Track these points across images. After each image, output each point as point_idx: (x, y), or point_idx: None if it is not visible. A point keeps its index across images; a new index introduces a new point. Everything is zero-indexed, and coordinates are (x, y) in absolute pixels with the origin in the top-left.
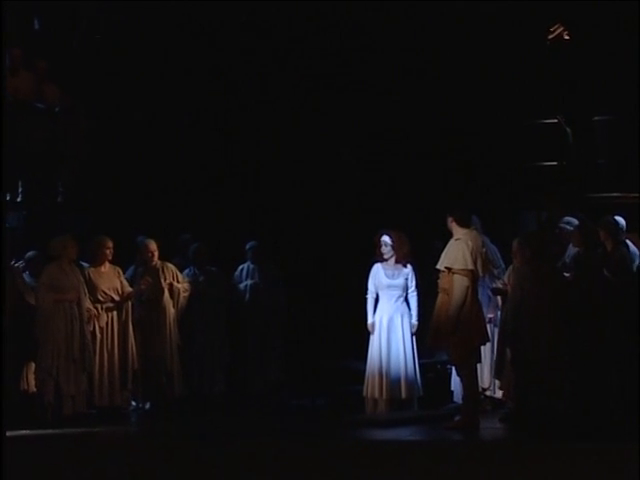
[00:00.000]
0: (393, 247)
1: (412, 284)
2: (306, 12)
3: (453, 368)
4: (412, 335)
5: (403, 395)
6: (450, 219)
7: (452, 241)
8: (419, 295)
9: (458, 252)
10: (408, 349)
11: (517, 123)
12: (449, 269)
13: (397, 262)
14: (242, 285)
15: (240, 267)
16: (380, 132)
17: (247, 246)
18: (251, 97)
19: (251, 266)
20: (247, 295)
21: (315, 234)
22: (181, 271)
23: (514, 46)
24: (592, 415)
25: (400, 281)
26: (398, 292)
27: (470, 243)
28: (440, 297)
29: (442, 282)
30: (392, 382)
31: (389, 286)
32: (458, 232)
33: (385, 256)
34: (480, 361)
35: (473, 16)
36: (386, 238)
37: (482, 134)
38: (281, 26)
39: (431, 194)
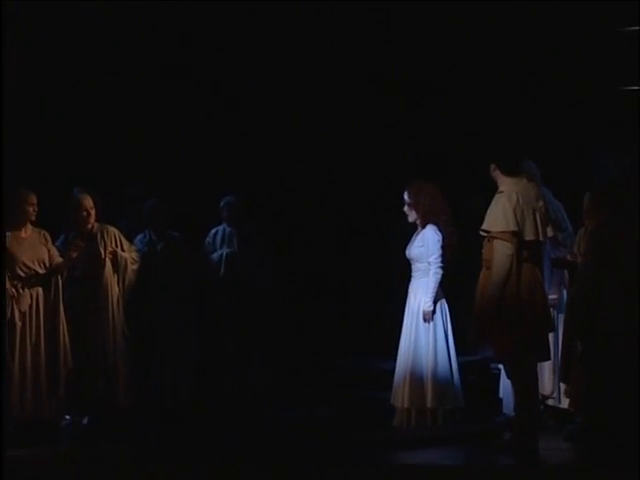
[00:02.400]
0: (410, 204)
1: (432, 253)
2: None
3: (502, 369)
4: (444, 325)
5: (429, 404)
6: (493, 166)
7: (495, 196)
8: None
9: (498, 210)
10: (440, 345)
11: (589, 30)
12: (488, 232)
13: (421, 225)
14: (215, 255)
15: (213, 230)
16: None
17: (222, 202)
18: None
19: (227, 229)
20: (222, 269)
21: (321, 183)
22: (131, 237)
23: None
24: None
25: (414, 251)
26: (418, 267)
27: (516, 197)
28: (482, 273)
29: (484, 252)
30: (415, 387)
31: (409, 260)
32: (503, 183)
33: (409, 218)
34: (541, 359)
35: None
36: (405, 193)
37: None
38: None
39: (466, 131)
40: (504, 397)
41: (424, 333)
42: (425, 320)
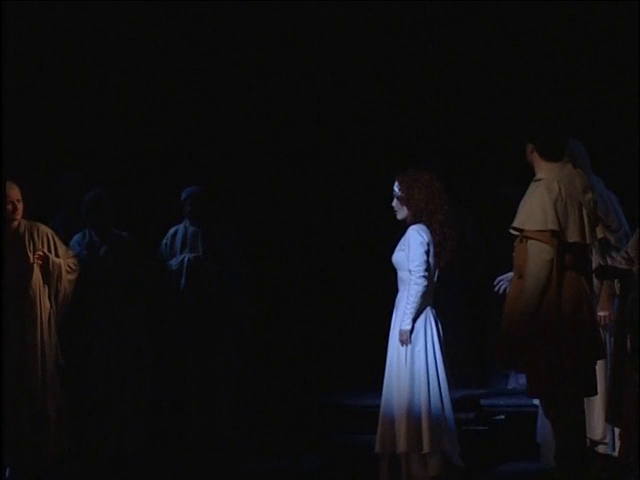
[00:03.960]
0: (401, 198)
1: (414, 259)
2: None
3: (538, 406)
4: (433, 349)
5: (401, 448)
6: (530, 148)
7: (532, 184)
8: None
9: (534, 202)
10: (418, 373)
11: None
12: (520, 231)
13: (411, 224)
14: (174, 262)
15: (171, 230)
16: None
17: (183, 194)
18: None
19: (190, 229)
20: (183, 279)
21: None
22: (67, 239)
23: None
24: None
25: (395, 256)
26: (400, 277)
27: (557, 186)
28: (512, 282)
29: (516, 256)
30: (388, 428)
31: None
32: (542, 168)
33: (397, 215)
34: (587, 393)
35: None
36: (395, 184)
37: None
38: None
39: (497, 104)
40: (542, 443)
41: (404, 359)
42: (402, 343)
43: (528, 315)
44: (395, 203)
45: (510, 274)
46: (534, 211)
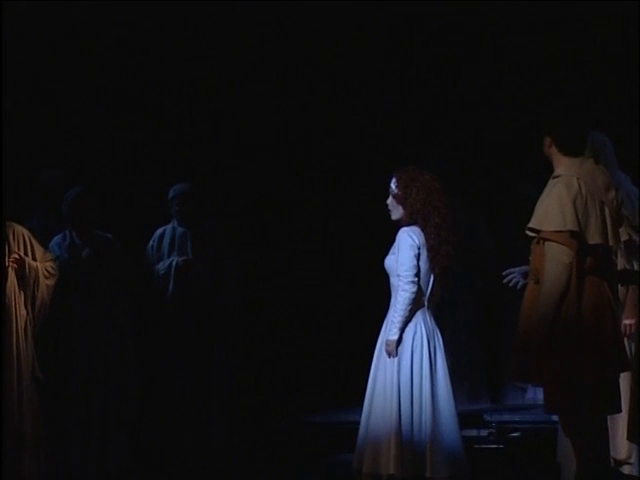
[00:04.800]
0: (398, 197)
1: (402, 263)
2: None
3: (558, 423)
4: (420, 361)
5: (383, 470)
6: (548, 141)
7: (550, 182)
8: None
9: (552, 201)
10: (405, 385)
11: None
12: (537, 232)
13: (405, 225)
14: (162, 266)
15: (158, 231)
16: None
17: (171, 191)
18: None
19: (178, 230)
20: (171, 284)
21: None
22: (45, 238)
23: None
24: None
25: (386, 260)
26: (392, 282)
27: (577, 184)
28: (528, 288)
29: (532, 259)
30: (374, 447)
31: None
32: (561, 164)
33: (392, 215)
34: (611, 409)
35: None
36: (392, 181)
37: None
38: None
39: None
40: (562, 463)
41: (390, 372)
42: (388, 354)
43: (545, 323)
44: (390, 201)
45: (524, 267)
46: (552, 211)
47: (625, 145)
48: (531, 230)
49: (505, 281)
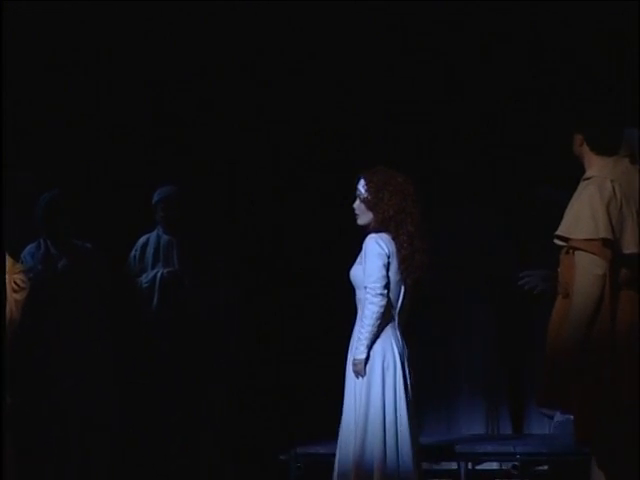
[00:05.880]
0: (367, 201)
1: (370, 274)
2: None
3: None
4: (393, 383)
5: None
6: (579, 139)
7: (580, 184)
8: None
9: (583, 206)
10: (375, 409)
11: None
12: (566, 241)
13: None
14: (145, 278)
15: (142, 240)
16: None
17: (155, 195)
18: None
19: (164, 238)
20: (155, 298)
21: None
22: (15, 248)
23: None
24: None
25: (352, 271)
26: (357, 296)
27: (611, 186)
28: (557, 303)
29: (561, 271)
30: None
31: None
32: (592, 164)
33: (359, 220)
34: None
35: None
36: (361, 183)
37: None
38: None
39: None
40: None
41: (359, 395)
42: (356, 374)
43: (576, 342)
44: (358, 205)
45: (544, 271)
46: (582, 216)
47: None
48: (559, 238)
49: (520, 283)
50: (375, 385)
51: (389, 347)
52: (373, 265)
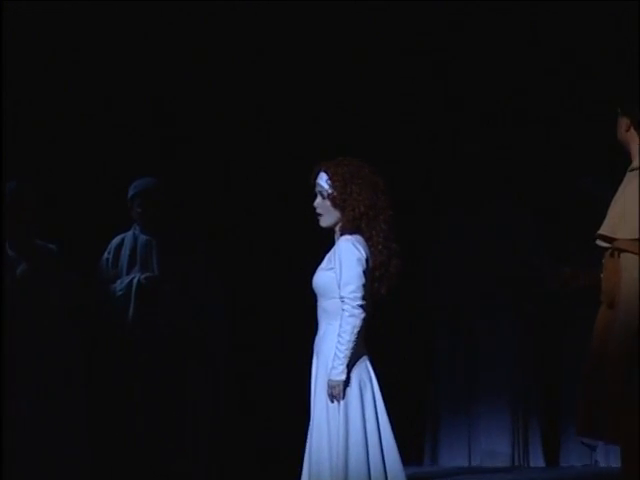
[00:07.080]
0: (331, 197)
1: (348, 282)
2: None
3: None
4: (374, 406)
5: None
6: (625, 123)
7: (627, 175)
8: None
9: (628, 201)
10: (355, 438)
11: None
12: (610, 241)
13: (342, 234)
14: (119, 285)
15: (115, 240)
16: None
17: (131, 189)
18: None
19: (141, 238)
20: (131, 307)
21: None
22: None
23: None
24: None
25: (318, 277)
26: (324, 307)
27: None
28: (600, 313)
29: (605, 277)
30: None
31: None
32: (638, 154)
33: (321, 222)
34: None
35: None
36: (321, 176)
37: None
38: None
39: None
40: None
41: (336, 421)
42: (332, 398)
43: (622, 360)
44: (321, 203)
45: (566, 269)
46: (629, 213)
47: None
48: (603, 239)
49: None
50: (353, 408)
51: (363, 364)
52: (351, 272)
